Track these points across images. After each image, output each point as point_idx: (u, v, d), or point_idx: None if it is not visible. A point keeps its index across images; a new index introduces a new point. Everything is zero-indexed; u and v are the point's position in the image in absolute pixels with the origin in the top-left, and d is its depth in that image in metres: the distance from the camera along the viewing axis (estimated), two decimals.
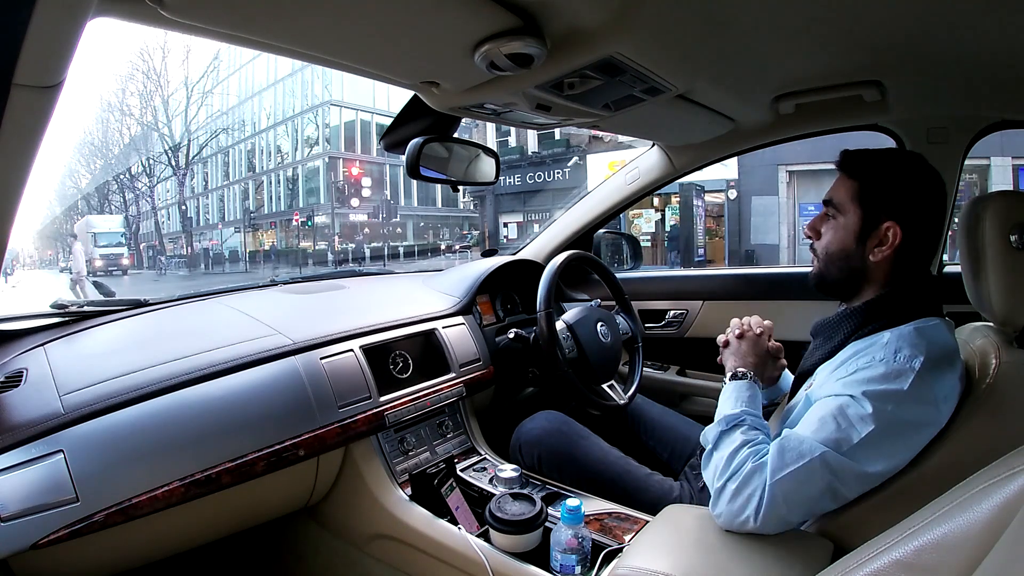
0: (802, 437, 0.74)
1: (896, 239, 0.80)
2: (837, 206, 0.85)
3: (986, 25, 0.81)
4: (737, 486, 0.76)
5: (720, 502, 0.78)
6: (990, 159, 8.80)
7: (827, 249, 0.87)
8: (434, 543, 1.01)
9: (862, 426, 0.72)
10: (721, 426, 0.84)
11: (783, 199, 11.08)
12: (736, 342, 0.99)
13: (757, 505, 0.74)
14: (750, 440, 0.80)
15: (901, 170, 0.82)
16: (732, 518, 0.77)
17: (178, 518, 0.90)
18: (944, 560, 0.41)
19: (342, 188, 20.33)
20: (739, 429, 0.83)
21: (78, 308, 1.17)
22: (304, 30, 0.68)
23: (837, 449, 0.72)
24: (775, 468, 0.74)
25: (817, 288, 0.90)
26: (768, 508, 0.74)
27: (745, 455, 0.78)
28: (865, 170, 0.84)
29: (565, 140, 15.03)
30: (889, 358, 0.74)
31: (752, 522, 0.75)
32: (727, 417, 0.85)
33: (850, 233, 0.83)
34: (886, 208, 0.81)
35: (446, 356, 1.32)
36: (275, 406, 1.00)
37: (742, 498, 0.75)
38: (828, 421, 0.74)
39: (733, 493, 0.76)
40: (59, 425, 0.82)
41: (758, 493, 0.74)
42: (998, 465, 0.44)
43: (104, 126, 26.42)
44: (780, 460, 0.74)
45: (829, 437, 0.73)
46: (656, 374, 1.74)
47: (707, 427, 0.88)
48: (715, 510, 0.79)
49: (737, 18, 0.79)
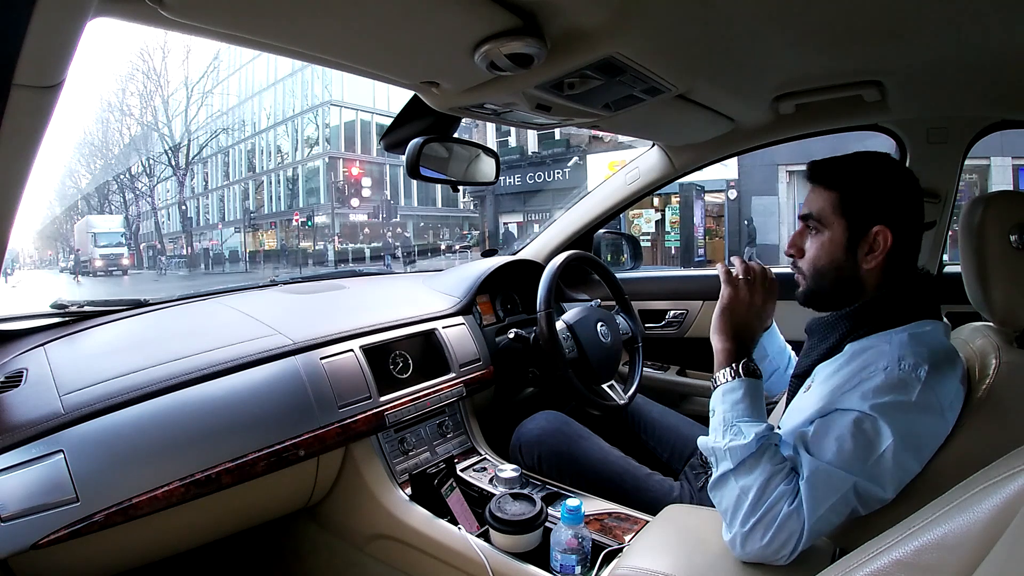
0: (829, 469, 0.71)
1: (887, 243, 0.78)
2: (819, 219, 0.82)
3: (986, 25, 0.81)
4: (773, 533, 0.71)
5: (748, 545, 0.72)
6: (990, 159, 8.80)
7: (815, 265, 0.83)
8: (434, 543, 1.01)
9: (879, 441, 0.70)
10: (751, 447, 0.74)
11: (783, 199, 11.08)
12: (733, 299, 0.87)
13: (794, 546, 0.71)
14: (778, 471, 0.73)
15: (878, 173, 0.81)
16: (762, 557, 0.73)
17: (178, 518, 0.89)
18: (944, 560, 0.41)
19: (342, 188, 20.33)
20: (766, 454, 0.74)
21: (78, 308, 1.17)
22: (304, 30, 0.68)
23: (861, 472, 0.70)
24: (812, 508, 0.70)
25: (807, 305, 0.87)
26: (804, 545, 0.71)
27: (779, 493, 0.71)
28: (842, 179, 0.81)
29: (565, 140, 15.02)
30: (893, 367, 0.73)
31: (786, 560, 0.72)
32: (757, 436, 0.74)
33: (838, 246, 0.81)
34: (873, 214, 0.78)
35: (446, 356, 1.32)
36: (275, 406, 1.00)
37: (777, 543, 0.71)
38: (846, 440, 0.71)
39: (768, 540, 0.71)
40: (59, 425, 0.82)
41: (796, 535, 0.71)
42: (998, 465, 0.44)
43: (104, 126, 26.45)
44: (815, 498, 0.70)
45: (851, 458, 0.70)
46: (656, 374, 1.74)
47: (705, 438, 0.81)
48: (740, 551, 0.73)
49: (737, 18, 0.79)
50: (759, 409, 0.80)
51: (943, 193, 1.33)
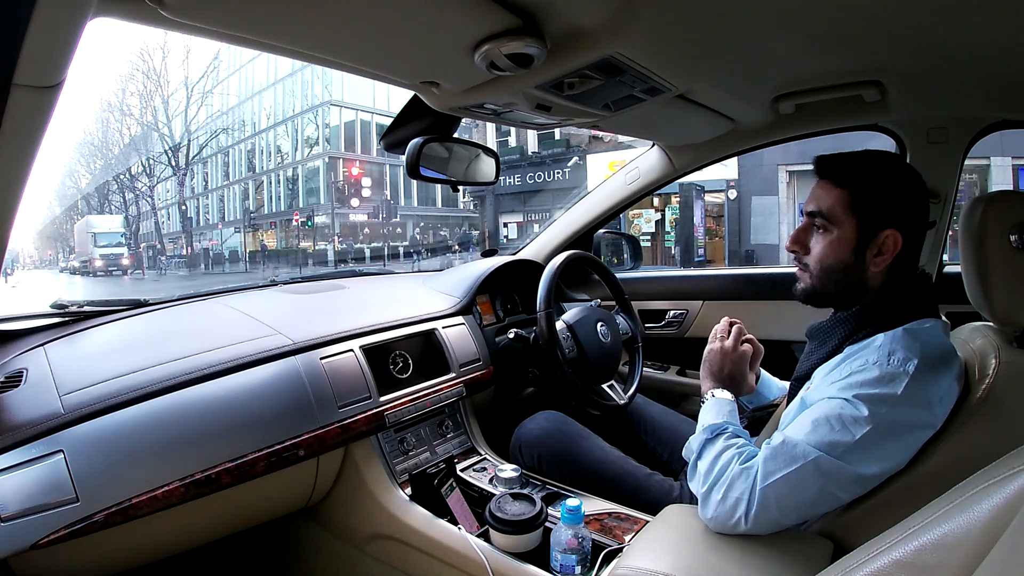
0: (795, 441, 0.74)
1: (897, 246, 0.78)
2: (828, 217, 0.81)
3: (986, 25, 0.81)
4: (724, 490, 0.76)
5: (708, 507, 0.78)
6: (990, 159, 8.80)
7: (823, 263, 0.82)
8: (434, 543, 1.01)
9: (856, 429, 0.71)
10: (705, 435, 0.84)
11: (783, 199, 11.08)
12: (714, 353, 1.01)
13: (747, 508, 0.74)
14: (732, 444, 0.81)
15: (890, 175, 0.80)
16: (723, 521, 0.76)
17: (178, 518, 0.89)
18: (944, 560, 0.41)
19: (342, 188, 20.33)
20: (722, 437, 0.83)
21: (78, 308, 1.17)
22: (304, 30, 0.68)
23: (831, 452, 0.71)
24: (767, 472, 0.73)
25: (806, 303, 0.87)
26: (759, 511, 0.73)
27: (729, 457, 0.79)
28: (854, 177, 0.80)
29: (565, 140, 15.02)
30: (883, 361, 0.73)
31: (743, 524, 0.75)
32: (710, 427, 0.85)
33: (846, 246, 0.80)
34: (884, 217, 0.78)
35: (446, 356, 1.32)
36: (275, 406, 1.00)
37: (730, 501, 0.75)
38: (822, 424, 0.73)
39: (721, 497, 0.76)
40: (59, 425, 0.82)
41: (746, 496, 0.74)
42: (998, 465, 0.44)
43: (104, 126, 26.44)
44: (772, 464, 0.74)
45: (823, 440, 0.72)
46: (656, 374, 1.74)
47: (690, 438, 0.88)
48: (705, 516, 0.79)
49: (737, 18, 0.79)
50: (724, 415, 0.89)
51: (943, 193, 1.33)
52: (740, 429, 0.86)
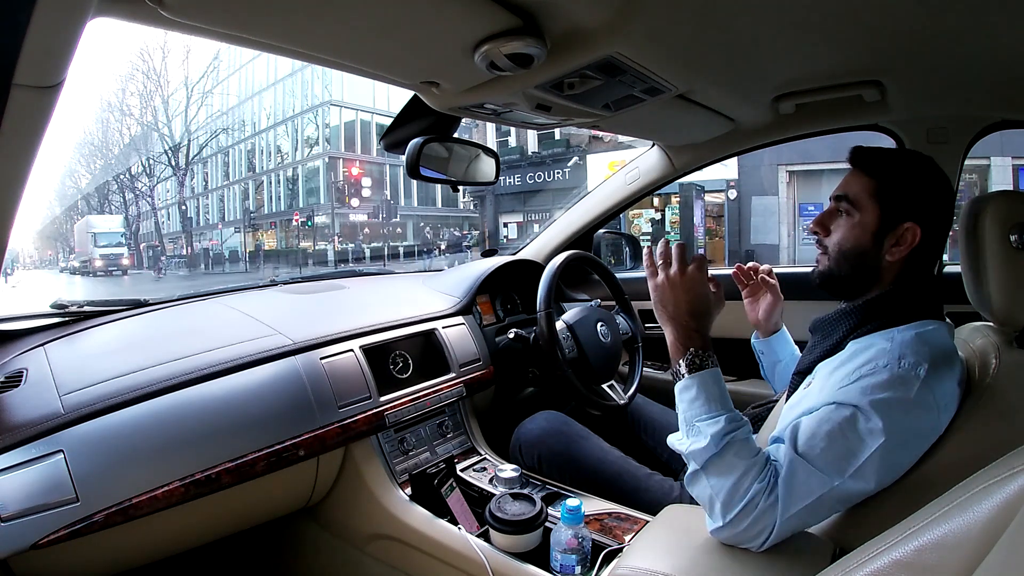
0: (809, 470, 0.71)
1: (915, 240, 0.79)
2: (853, 202, 0.82)
3: (986, 25, 0.81)
4: (749, 523, 0.72)
5: (723, 530, 0.74)
6: (990, 159, 8.79)
7: (841, 246, 0.83)
8: (434, 543, 1.01)
9: (871, 440, 0.70)
10: (710, 450, 0.74)
11: (783, 199, 11.08)
12: (661, 288, 0.85)
13: (766, 537, 0.72)
14: (750, 467, 0.73)
15: (919, 171, 0.81)
16: (737, 542, 0.75)
17: (178, 518, 0.89)
18: (944, 560, 0.41)
19: (342, 188, 20.34)
20: (731, 450, 0.74)
21: (78, 308, 1.17)
22: (304, 30, 0.68)
23: (847, 471, 0.70)
24: (786, 504, 0.71)
25: (821, 286, 0.87)
26: (776, 537, 0.73)
27: (753, 490, 0.72)
28: (883, 168, 0.82)
29: (565, 140, 15.02)
30: (893, 364, 0.73)
31: (757, 548, 0.74)
32: (715, 437, 0.74)
33: (867, 231, 0.81)
34: (907, 209, 0.79)
35: (446, 356, 1.32)
36: (275, 406, 1.00)
37: (753, 532, 0.73)
38: (836, 439, 0.71)
39: (744, 528, 0.73)
40: (59, 425, 0.82)
41: (770, 528, 0.72)
42: (998, 465, 0.44)
43: (104, 126, 26.46)
44: (791, 496, 0.71)
45: (836, 460, 0.71)
46: (656, 374, 1.74)
47: (673, 436, 0.81)
48: (719, 536, 0.75)
49: (737, 18, 0.79)
50: (717, 402, 0.78)
51: None
52: (739, 421, 0.77)
